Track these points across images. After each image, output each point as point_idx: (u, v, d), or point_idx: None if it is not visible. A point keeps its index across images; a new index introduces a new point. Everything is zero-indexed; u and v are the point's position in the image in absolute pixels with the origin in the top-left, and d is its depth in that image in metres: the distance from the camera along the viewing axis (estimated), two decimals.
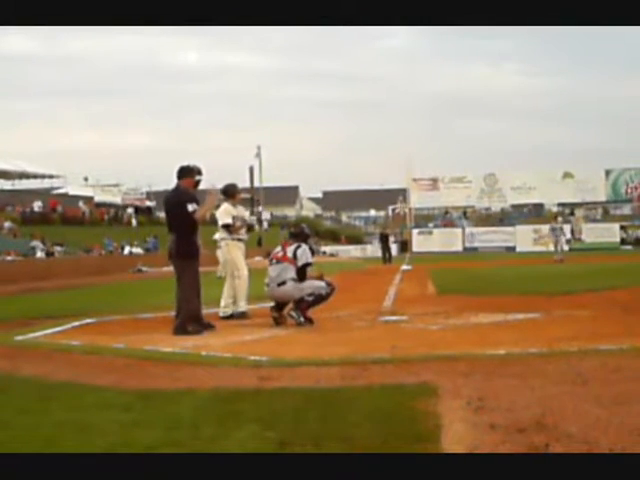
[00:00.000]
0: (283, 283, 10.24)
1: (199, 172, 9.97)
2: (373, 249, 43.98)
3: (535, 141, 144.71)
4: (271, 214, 76.08)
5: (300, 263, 10.27)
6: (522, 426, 4.41)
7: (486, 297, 13.80)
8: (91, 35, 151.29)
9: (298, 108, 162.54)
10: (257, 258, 49.90)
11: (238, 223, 11.65)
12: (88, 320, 11.47)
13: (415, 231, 57.34)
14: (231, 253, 11.59)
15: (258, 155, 62.88)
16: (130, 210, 59.73)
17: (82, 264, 37.35)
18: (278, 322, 10.28)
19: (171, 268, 9.95)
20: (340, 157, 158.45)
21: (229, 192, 11.67)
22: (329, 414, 4.89)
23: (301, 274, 10.29)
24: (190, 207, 9.54)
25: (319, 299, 10.33)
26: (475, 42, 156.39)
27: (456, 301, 13.08)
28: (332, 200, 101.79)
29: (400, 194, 69.16)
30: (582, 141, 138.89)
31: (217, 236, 12.73)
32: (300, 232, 10.92)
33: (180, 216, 9.61)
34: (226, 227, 11.57)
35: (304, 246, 10.47)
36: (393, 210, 73.51)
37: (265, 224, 62.33)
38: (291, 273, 10.25)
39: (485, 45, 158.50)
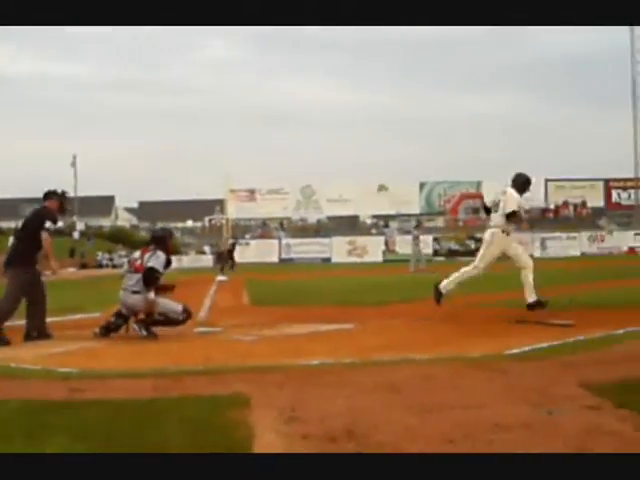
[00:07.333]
0: (137, 292, 9.82)
1: (63, 194, 10.43)
2: (189, 260, 43.59)
3: (354, 154, 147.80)
4: (85, 224, 74.08)
5: (146, 265, 9.80)
6: (334, 435, 4.42)
7: (301, 308, 13.90)
8: None
9: (115, 117, 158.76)
10: (70, 269, 48.41)
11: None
12: None
13: (232, 242, 57.24)
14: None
15: (74, 164, 61.18)
16: None
17: None
18: (110, 330, 9.84)
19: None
20: (158, 167, 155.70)
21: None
22: (142, 425, 4.80)
23: (146, 279, 9.75)
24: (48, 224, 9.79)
25: (169, 322, 9.88)
26: (290, 57, 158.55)
27: (271, 312, 13.08)
28: (149, 210, 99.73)
29: (217, 205, 69.01)
30: (397, 154, 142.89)
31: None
32: (162, 237, 10.37)
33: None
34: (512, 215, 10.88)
35: (159, 253, 9.97)
36: (210, 221, 73.16)
37: (77, 234, 60.56)
38: None
39: (298, 59, 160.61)
